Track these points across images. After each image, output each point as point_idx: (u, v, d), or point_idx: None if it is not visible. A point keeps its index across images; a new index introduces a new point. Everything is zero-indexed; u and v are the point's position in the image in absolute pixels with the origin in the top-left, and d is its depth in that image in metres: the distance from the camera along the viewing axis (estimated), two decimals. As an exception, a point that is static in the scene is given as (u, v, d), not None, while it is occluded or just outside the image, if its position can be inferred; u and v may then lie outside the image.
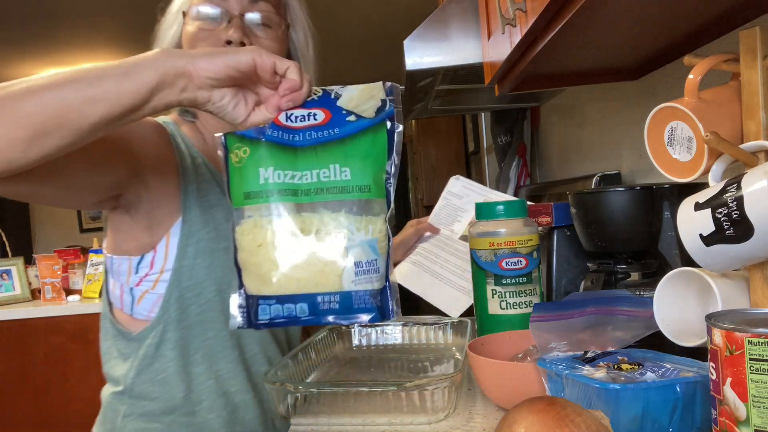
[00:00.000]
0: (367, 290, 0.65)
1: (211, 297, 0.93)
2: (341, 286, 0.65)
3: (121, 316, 0.96)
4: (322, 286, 0.65)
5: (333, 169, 0.66)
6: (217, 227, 0.94)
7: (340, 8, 4.22)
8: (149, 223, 0.90)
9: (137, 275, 0.92)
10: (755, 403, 0.49)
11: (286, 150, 0.67)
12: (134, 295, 0.93)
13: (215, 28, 0.90)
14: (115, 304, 0.97)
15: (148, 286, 0.92)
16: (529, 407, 0.52)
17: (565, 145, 2.00)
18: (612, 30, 0.89)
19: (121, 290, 0.94)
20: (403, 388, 0.76)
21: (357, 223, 0.65)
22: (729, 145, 0.63)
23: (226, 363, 0.95)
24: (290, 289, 0.65)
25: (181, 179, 0.92)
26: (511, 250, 0.97)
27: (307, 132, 0.67)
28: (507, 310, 0.97)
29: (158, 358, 0.92)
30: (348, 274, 0.64)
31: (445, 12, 1.43)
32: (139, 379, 0.93)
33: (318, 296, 0.65)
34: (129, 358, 0.94)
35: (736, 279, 0.66)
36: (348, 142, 0.67)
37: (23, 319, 2.59)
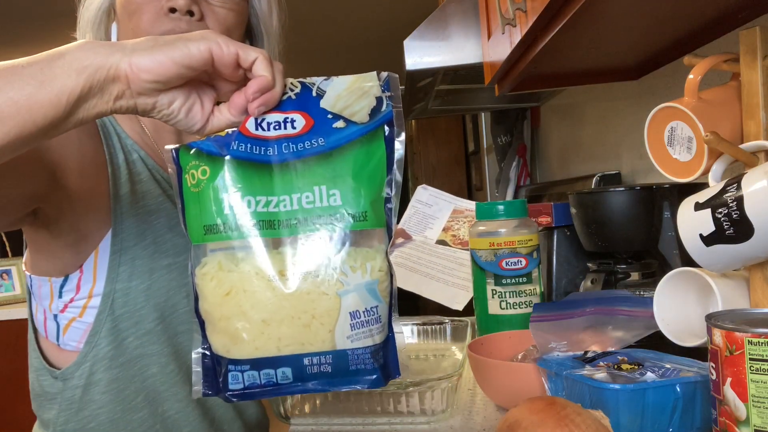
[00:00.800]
0: (366, 347, 0.52)
1: (151, 327, 0.78)
2: (334, 344, 0.51)
3: (48, 346, 0.80)
4: (309, 345, 0.51)
5: (318, 191, 0.51)
6: (157, 239, 0.78)
7: (340, 8, 4.22)
8: (73, 239, 0.75)
9: (61, 300, 0.77)
10: (755, 403, 0.49)
11: (258, 168, 0.51)
12: (59, 323, 0.78)
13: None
14: (39, 330, 0.81)
15: (75, 313, 0.77)
16: (529, 407, 0.52)
17: (565, 145, 2.00)
18: (612, 30, 0.89)
19: (44, 316, 0.79)
20: (403, 388, 0.76)
21: (351, 261, 0.51)
22: (729, 145, 0.63)
23: (174, 402, 0.80)
24: (269, 351, 0.51)
25: (110, 182, 0.76)
26: (511, 250, 0.97)
27: (283, 143, 0.52)
28: (507, 310, 0.97)
29: (87, 404, 0.77)
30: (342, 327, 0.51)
31: (445, 12, 1.43)
32: (68, 428, 0.78)
33: (305, 358, 0.51)
34: (55, 400, 0.78)
35: (736, 279, 0.66)
36: (336, 157, 0.52)
37: (23, 319, 2.59)
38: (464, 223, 1.28)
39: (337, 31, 4.65)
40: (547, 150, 2.23)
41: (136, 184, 0.78)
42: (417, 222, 1.35)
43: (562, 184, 1.78)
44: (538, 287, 0.99)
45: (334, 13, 4.30)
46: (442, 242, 1.26)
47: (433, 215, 1.32)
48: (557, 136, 2.10)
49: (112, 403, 0.77)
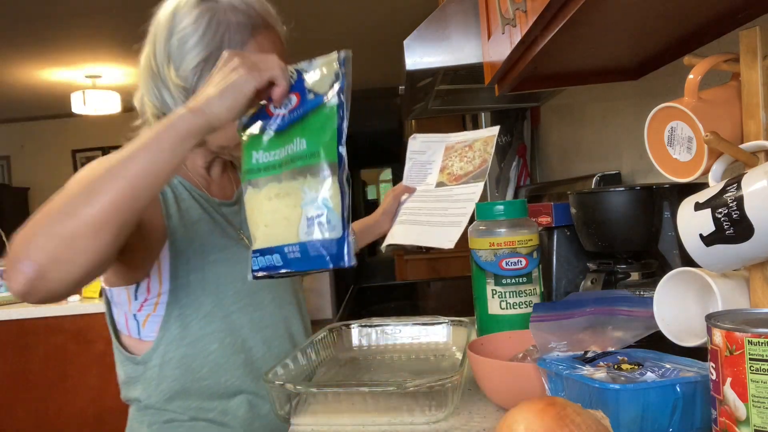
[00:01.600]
0: (317, 239, 0.73)
1: (209, 310, 0.95)
2: (298, 237, 0.74)
3: (129, 341, 0.98)
4: (284, 239, 0.75)
5: (296, 142, 0.76)
6: (203, 242, 0.96)
7: (340, 8, 4.22)
8: (141, 257, 0.92)
9: (137, 302, 0.95)
10: (755, 403, 0.49)
11: (270, 134, 0.79)
12: (138, 320, 0.96)
13: None
14: (121, 331, 0.98)
15: (150, 310, 0.95)
16: (529, 407, 0.52)
17: (565, 145, 2.00)
18: (612, 30, 0.89)
19: (125, 318, 0.97)
20: (403, 388, 0.76)
21: (309, 184, 0.74)
22: (729, 145, 0.63)
23: (233, 370, 0.97)
24: (267, 243, 0.77)
25: (162, 206, 0.94)
26: (511, 250, 0.97)
27: (284, 117, 0.79)
28: (507, 310, 0.97)
29: (164, 379, 0.95)
30: (302, 227, 0.74)
31: (445, 12, 1.43)
32: (151, 401, 0.96)
33: (285, 247, 0.75)
34: (139, 381, 0.97)
35: (736, 279, 0.66)
36: (307, 118, 0.76)
37: (23, 319, 2.59)
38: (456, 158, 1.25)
39: (338, 31, 4.65)
40: (547, 150, 2.23)
41: (180, 202, 0.97)
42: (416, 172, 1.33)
43: (562, 184, 1.78)
44: (538, 287, 0.99)
45: (334, 13, 4.30)
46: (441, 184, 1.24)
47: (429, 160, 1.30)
48: (557, 136, 2.10)
49: (183, 376, 0.94)
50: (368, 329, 1.17)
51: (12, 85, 5.62)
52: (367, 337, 1.16)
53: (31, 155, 6.98)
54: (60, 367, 2.60)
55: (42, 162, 6.97)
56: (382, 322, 1.17)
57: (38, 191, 6.92)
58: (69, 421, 2.58)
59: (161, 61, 0.96)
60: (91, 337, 2.60)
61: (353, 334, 1.17)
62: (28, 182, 6.92)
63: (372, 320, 1.19)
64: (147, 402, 0.96)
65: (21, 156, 7.00)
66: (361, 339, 1.16)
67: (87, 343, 2.59)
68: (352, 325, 1.18)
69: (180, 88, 0.94)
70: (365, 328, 1.17)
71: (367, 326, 1.17)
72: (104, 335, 2.63)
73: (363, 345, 1.16)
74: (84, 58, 5.01)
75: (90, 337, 2.59)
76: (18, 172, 6.98)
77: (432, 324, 1.15)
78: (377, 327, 1.17)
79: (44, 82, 5.62)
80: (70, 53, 4.85)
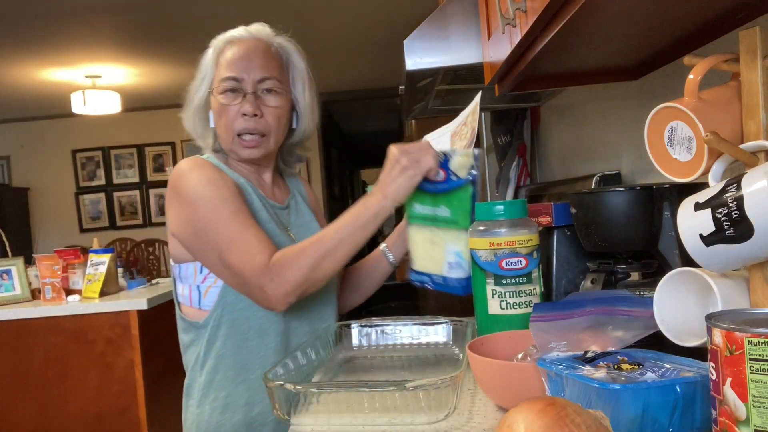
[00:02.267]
0: (455, 277, 1.09)
1: None
2: (442, 272, 1.11)
3: (190, 311, 1.18)
4: (434, 270, 1.12)
5: (442, 208, 1.10)
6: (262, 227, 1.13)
7: (340, 8, 4.22)
8: None
9: (202, 274, 1.15)
10: (755, 403, 0.49)
11: (425, 194, 1.11)
12: (201, 291, 1.16)
13: (232, 103, 1.16)
14: (183, 303, 1.19)
15: (212, 281, 1.14)
16: (529, 407, 0.52)
17: (565, 145, 2.00)
18: (612, 30, 0.89)
19: (189, 290, 1.17)
20: (403, 388, 0.76)
21: (450, 240, 1.09)
22: (729, 145, 0.63)
23: (275, 336, 1.15)
24: (422, 269, 1.15)
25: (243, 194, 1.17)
26: (511, 250, 0.97)
27: (435, 184, 1.10)
28: (507, 310, 0.97)
29: (218, 339, 1.14)
30: (444, 266, 1.10)
31: (445, 12, 1.43)
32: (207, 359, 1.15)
33: (433, 276, 1.13)
34: (195, 344, 1.17)
35: (736, 279, 0.66)
36: (450, 193, 1.08)
37: (23, 319, 2.59)
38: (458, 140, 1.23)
39: (338, 31, 4.65)
40: (547, 150, 2.23)
41: (246, 195, 1.17)
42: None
43: (562, 184, 1.78)
44: (538, 287, 0.99)
45: (334, 13, 4.30)
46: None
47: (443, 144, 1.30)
48: (557, 136, 2.10)
49: (233, 337, 1.14)
50: (368, 329, 1.17)
51: (12, 85, 5.62)
52: (367, 337, 1.16)
53: (31, 155, 6.98)
54: (60, 367, 2.60)
55: (42, 162, 6.97)
56: (382, 322, 1.17)
57: (38, 191, 6.92)
58: (69, 421, 2.58)
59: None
60: (91, 337, 2.59)
61: (353, 334, 1.17)
62: (28, 182, 6.92)
63: (372, 320, 1.19)
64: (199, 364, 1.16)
65: (21, 156, 7.00)
66: (361, 339, 1.16)
67: (87, 343, 2.59)
68: (353, 325, 1.18)
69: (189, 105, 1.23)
70: (365, 328, 1.17)
71: (367, 326, 1.17)
72: (104, 335, 2.64)
73: (363, 345, 1.16)
74: (84, 58, 5.01)
75: (90, 337, 2.59)
76: (18, 172, 6.98)
77: (432, 324, 1.15)
78: (377, 327, 1.17)
79: (44, 82, 5.61)
80: (70, 53, 4.85)
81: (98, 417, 2.57)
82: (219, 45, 1.20)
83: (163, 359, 2.80)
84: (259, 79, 1.16)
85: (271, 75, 1.17)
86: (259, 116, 1.16)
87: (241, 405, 1.13)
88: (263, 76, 1.17)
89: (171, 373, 2.86)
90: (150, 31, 4.50)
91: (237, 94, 1.16)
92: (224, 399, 1.13)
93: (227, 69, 1.16)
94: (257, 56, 1.17)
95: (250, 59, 1.16)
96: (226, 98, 1.16)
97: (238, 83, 1.15)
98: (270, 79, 1.17)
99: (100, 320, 2.58)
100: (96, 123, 6.71)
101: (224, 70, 1.16)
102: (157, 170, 7.03)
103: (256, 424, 1.13)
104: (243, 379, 1.14)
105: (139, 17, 4.23)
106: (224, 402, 1.13)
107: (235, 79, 1.15)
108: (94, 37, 4.54)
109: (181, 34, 4.59)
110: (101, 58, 5.03)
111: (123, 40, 4.64)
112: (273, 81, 1.17)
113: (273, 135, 1.19)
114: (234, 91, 1.16)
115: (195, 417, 1.15)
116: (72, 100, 5.26)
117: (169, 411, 2.80)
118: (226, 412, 1.13)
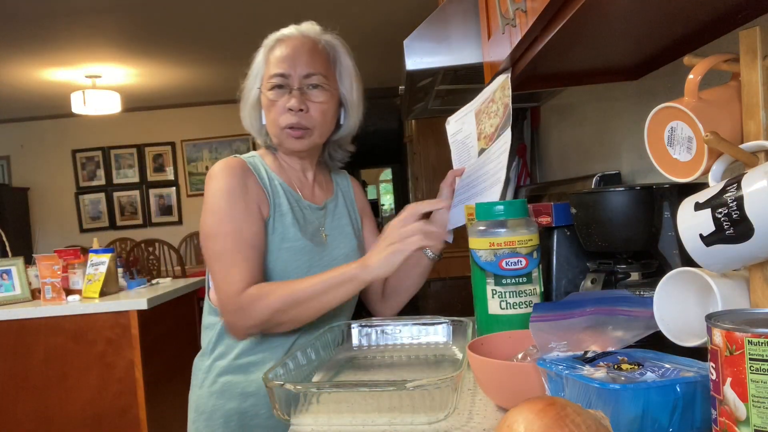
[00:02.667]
0: None
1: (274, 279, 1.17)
2: None
3: (214, 296, 1.22)
4: None
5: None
6: (284, 230, 1.19)
7: (340, 8, 4.22)
8: None
9: None
10: (755, 403, 0.49)
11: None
12: None
13: (279, 98, 1.20)
14: (212, 287, 1.22)
15: None
16: (529, 407, 0.52)
17: (565, 145, 2.00)
18: (612, 30, 0.89)
19: None
20: (403, 388, 0.76)
21: None
22: (729, 145, 0.63)
23: (282, 336, 1.18)
24: None
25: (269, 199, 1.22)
26: (511, 250, 0.97)
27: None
28: (507, 310, 0.97)
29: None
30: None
31: (445, 12, 1.43)
32: (218, 344, 1.21)
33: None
34: (213, 327, 1.23)
35: (736, 279, 0.66)
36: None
37: (23, 319, 2.59)
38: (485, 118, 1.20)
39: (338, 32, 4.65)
40: (547, 150, 2.23)
41: (276, 198, 1.22)
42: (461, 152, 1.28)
43: (562, 184, 1.78)
44: (538, 287, 0.99)
45: (334, 13, 4.30)
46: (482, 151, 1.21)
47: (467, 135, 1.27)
48: (557, 136, 2.10)
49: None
50: (368, 329, 1.17)
51: (12, 85, 5.62)
52: (367, 337, 1.16)
53: (31, 155, 6.98)
54: (60, 367, 2.60)
55: (42, 162, 6.97)
56: (382, 322, 1.17)
57: (38, 191, 6.92)
58: (69, 421, 2.58)
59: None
60: (91, 337, 2.59)
61: (353, 334, 1.17)
62: (28, 182, 6.93)
63: (372, 320, 1.19)
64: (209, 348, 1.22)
65: (21, 156, 7.00)
66: (361, 339, 1.16)
67: (87, 343, 2.59)
68: (353, 325, 1.18)
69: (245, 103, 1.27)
70: (365, 328, 1.17)
71: (367, 326, 1.17)
72: (104, 335, 2.63)
73: (363, 345, 1.16)
74: (84, 58, 5.01)
75: (90, 337, 2.59)
76: (18, 172, 6.99)
77: (432, 324, 1.15)
78: (377, 327, 1.17)
79: (44, 82, 5.61)
80: (70, 53, 4.85)
81: (98, 417, 2.57)
82: (269, 43, 1.23)
83: (163, 359, 2.80)
84: (304, 74, 1.19)
85: (317, 71, 1.20)
86: (305, 111, 1.19)
87: (236, 394, 1.18)
88: (309, 72, 1.19)
89: (171, 373, 2.86)
90: (150, 31, 4.50)
91: (284, 90, 1.19)
92: (221, 385, 1.18)
93: (275, 66, 1.20)
94: (304, 53, 1.20)
95: (296, 56, 1.20)
96: (274, 94, 1.20)
97: (285, 79, 1.19)
98: (315, 75, 1.20)
99: (100, 320, 2.58)
100: (96, 123, 6.71)
101: (273, 67, 1.20)
102: (157, 170, 7.03)
103: (248, 414, 1.18)
104: (243, 370, 1.18)
105: (139, 17, 4.23)
106: (221, 388, 1.18)
107: (282, 75, 1.19)
108: (94, 37, 4.54)
109: (181, 34, 4.59)
110: (101, 58, 5.03)
111: (123, 40, 4.64)
112: (319, 77, 1.20)
113: (318, 129, 1.22)
114: (281, 87, 1.19)
115: (196, 398, 1.22)
116: (72, 100, 5.26)
117: (169, 411, 2.80)
118: (221, 398, 1.18)
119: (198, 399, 1.22)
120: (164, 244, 5.75)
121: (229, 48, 4.89)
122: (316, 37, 1.24)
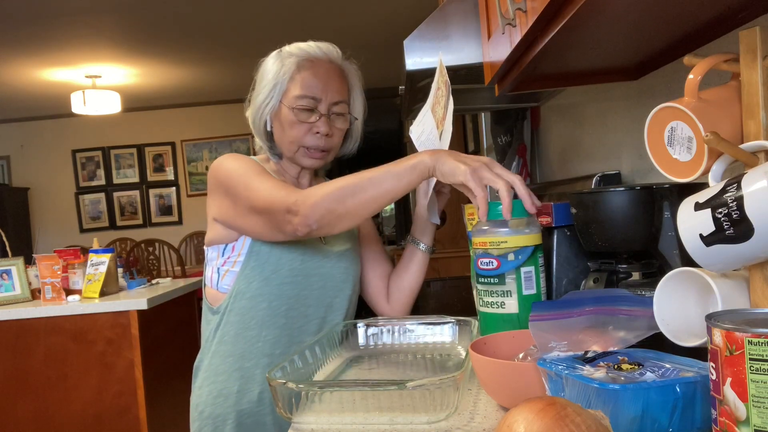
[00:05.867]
0: None
1: (268, 275, 1.20)
2: None
3: (210, 293, 1.27)
4: None
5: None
6: None
7: (340, 8, 4.22)
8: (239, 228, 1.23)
9: (223, 257, 1.24)
10: (755, 403, 0.49)
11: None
12: (220, 273, 1.25)
13: (307, 120, 1.23)
14: (208, 285, 1.28)
15: (230, 266, 1.23)
16: (529, 407, 0.52)
17: (565, 145, 2.00)
18: (612, 30, 0.89)
19: (211, 272, 1.26)
20: (404, 387, 0.76)
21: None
22: (729, 145, 0.63)
23: (273, 329, 1.21)
24: None
25: None
26: (483, 250, 0.99)
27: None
28: (483, 308, 1.01)
29: (224, 325, 1.22)
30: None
31: (445, 12, 1.43)
32: (215, 338, 1.23)
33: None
34: (211, 325, 1.25)
35: (736, 279, 0.66)
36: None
37: (23, 319, 2.59)
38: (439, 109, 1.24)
39: (338, 31, 4.65)
40: (547, 150, 2.23)
41: None
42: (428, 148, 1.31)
43: (562, 184, 1.78)
44: (514, 289, 0.97)
45: (334, 13, 4.29)
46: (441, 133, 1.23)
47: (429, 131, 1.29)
48: (557, 136, 2.10)
49: (236, 325, 1.22)
50: (374, 329, 1.17)
51: (12, 85, 5.62)
52: (373, 337, 1.17)
53: (31, 155, 6.98)
54: (60, 367, 2.60)
55: (42, 162, 6.97)
56: (387, 322, 1.18)
57: (38, 191, 6.92)
58: (69, 421, 2.58)
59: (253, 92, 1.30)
60: (91, 337, 2.59)
61: (359, 333, 1.17)
62: (28, 182, 6.93)
63: (377, 320, 1.20)
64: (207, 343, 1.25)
65: (21, 156, 7.00)
66: (367, 338, 1.17)
67: (87, 343, 2.59)
68: (358, 325, 1.18)
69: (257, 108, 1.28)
70: (371, 327, 1.17)
71: (372, 326, 1.18)
72: (104, 335, 2.63)
73: (369, 344, 1.16)
74: (84, 58, 5.01)
75: (90, 337, 2.59)
76: (18, 172, 6.99)
77: (438, 323, 1.15)
78: (383, 326, 1.17)
79: (44, 82, 5.61)
80: (70, 53, 4.85)
81: (98, 417, 2.57)
82: (296, 61, 1.25)
83: (163, 359, 2.80)
84: (334, 101, 1.25)
85: (343, 98, 1.28)
86: (330, 136, 1.26)
87: (233, 392, 1.19)
88: (338, 100, 1.26)
89: (171, 373, 2.86)
90: (150, 31, 4.50)
91: (312, 113, 1.24)
92: (220, 384, 1.20)
93: (306, 88, 1.23)
94: (333, 80, 1.26)
95: (328, 82, 1.25)
96: (303, 115, 1.24)
97: (315, 102, 1.24)
98: (342, 103, 1.27)
99: (100, 320, 2.58)
100: (96, 123, 6.71)
101: (303, 88, 1.23)
102: (156, 170, 7.03)
103: (245, 413, 1.19)
104: (239, 366, 1.20)
105: (139, 17, 4.23)
106: (220, 387, 1.20)
107: (314, 99, 1.23)
108: (94, 37, 4.54)
109: (181, 34, 4.59)
110: (101, 58, 5.03)
111: (123, 40, 4.64)
112: (344, 105, 1.28)
113: (334, 151, 1.29)
114: (311, 111, 1.24)
115: (196, 398, 1.24)
116: (72, 100, 5.26)
117: (169, 411, 2.80)
118: (219, 396, 1.20)
119: (198, 398, 1.23)
120: (164, 244, 5.75)
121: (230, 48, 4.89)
122: (340, 63, 1.29)
